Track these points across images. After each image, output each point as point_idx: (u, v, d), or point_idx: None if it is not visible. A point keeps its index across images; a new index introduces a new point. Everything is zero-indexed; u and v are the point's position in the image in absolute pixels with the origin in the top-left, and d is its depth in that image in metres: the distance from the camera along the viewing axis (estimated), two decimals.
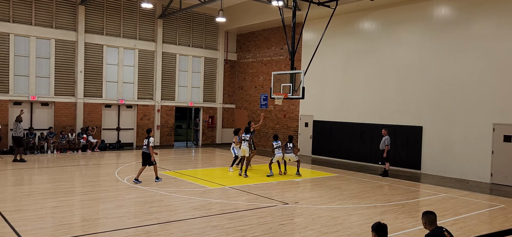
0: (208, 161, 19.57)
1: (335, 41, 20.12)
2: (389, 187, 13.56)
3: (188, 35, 24.92)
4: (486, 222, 9.80)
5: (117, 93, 22.50)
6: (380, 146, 15.72)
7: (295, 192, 12.66)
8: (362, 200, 11.50)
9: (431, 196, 12.50)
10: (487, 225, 9.49)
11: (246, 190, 12.27)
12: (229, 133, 26.88)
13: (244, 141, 14.78)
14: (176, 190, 11.88)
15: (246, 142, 14.74)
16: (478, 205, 11.40)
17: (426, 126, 16.86)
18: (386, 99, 18.25)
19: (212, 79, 26.17)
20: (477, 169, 15.20)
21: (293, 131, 22.85)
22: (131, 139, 23.27)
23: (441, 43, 16.42)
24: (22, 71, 19.77)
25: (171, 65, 24.36)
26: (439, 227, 5.26)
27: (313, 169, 17.54)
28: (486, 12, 15.21)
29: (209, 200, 10.75)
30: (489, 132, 14.96)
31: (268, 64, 24.47)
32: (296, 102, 22.33)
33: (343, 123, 19.97)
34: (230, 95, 27.01)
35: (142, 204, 10.20)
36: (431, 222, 5.27)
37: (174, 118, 24.77)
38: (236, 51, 27.00)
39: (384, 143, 15.50)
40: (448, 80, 16.15)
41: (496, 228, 8.88)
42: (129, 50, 22.77)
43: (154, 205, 10.23)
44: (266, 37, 24.69)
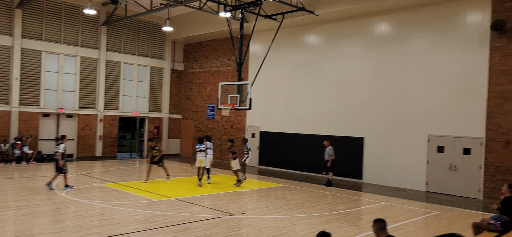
0: (153, 173, 19.04)
1: (281, 53, 20.53)
2: (333, 197, 13.95)
3: (133, 43, 24.30)
4: (422, 228, 10.35)
5: (56, 101, 21.37)
6: (325, 156, 16.16)
7: (242, 203, 12.66)
8: (307, 209, 11.73)
9: (372, 204, 13.00)
10: (423, 231, 10.02)
11: (192, 201, 12.09)
12: (175, 143, 26.43)
13: (200, 152, 14.84)
14: (119, 203, 11.44)
15: (202, 152, 14.86)
16: (415, 212, 12.02)
17: (367, 137, 17.59)
18: (330, 111, 18.84)
19: (158, 88, 25.65)
20: (414, 178, 16.06)
21: (240, 142, 22.88)
22: (71, 150, 22.14)
23: (382, 58, 17.27)
24: None
25: (115, 73, 23.58)
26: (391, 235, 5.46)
27: (260, 180, 17.66)
28: (422, 29, 16.23)
29: (153, 213, 10.46)
30: (424, 143, 15.89)
31: (215, 74, 24.43)
32: (243, 113, 22.44)
33: (289, 134, 20.33)
34: (177, 105, 26.61)
35: (82, 218, 9.71)
36: (382, 229, 5.49)
37: (117, 128, 23.94)
38: (183, 61, 26.72)
39: (328, 153, 16.00)
40: (388, 93, 16.99)
41: (430, 234, 9.39)
42: (70, 57, 21.77)
43: (95, 219, 9.78)
44: (214, 48, 24.67)
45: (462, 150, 14.99)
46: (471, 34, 14.91)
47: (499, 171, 14.09)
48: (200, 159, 14.85)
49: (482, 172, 14.47)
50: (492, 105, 14.30)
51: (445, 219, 11.15)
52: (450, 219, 11.22)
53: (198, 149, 14.98)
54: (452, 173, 15.19)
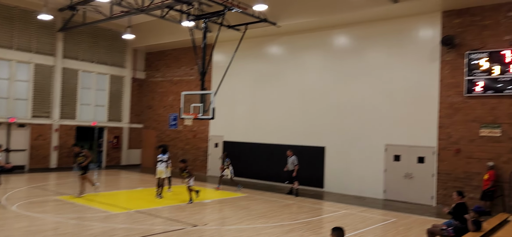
0: (112, 184, 18.53)
1: (244, 63, 20.66)
2: (295, 206, 14.12)
3: (92, 50, 23.63)
4: (380, 235, 10.68)
5: (7, 110, 20.36)
6: (288, 166, 16.28)
7: (204, 214, 12.57)
8: (270, 219, 11.80)
9: (333, 213, 13.28)
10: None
11: (153, 213, 11.85)
12: (135, 154, 25.84)
13: (161, 162, 14.53)
14: (75, 216, 11.04)
15: (163, 163, 14.55)
16: (374, 219, 12.39)
17: (328, 146, 17.98)
18: (292, 121, 19.11)
19: (118, 97, 25.04)
20: (372, 186, 16.56)
21: (203, 151, 22.74)
22: (23, 161, 21.14)
23: (341, 69, 17.76)
24: None
25: (72, 81, 22.81)
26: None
27: (223, 190, 17.59)
28: (378, 42, 16.86)
29: (112, 226, 10.17)
30: (381, 152, 16.44)
31: (178, 84, 24.19)
32: (206, 123, 22.33)
33: (252, 143, 20.41)
34: (138, 115, 26.06)
35: (34, 234, 9.28)
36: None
37: (74, 138, 23.10)
38: (145, 70, 26.27)
39: (293, 163, 16.15)
40: (347, 104, 17.48)
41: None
42: (23, 64, 20.86)
43: (48, 234, 9.38)
44: (177, 57, 24.45)
45: (416, 159, 15.63)
46: (423, 49, 15.66)
47: (450, 179, 14.80)
48: (160, 170, 14.56)
49: (435, 180, 15.15)
50: (443, 115, 15.05)
51: (401, 226, 11.57)
52: (407, 225, 11.64)
53: (159, 159, 14.71)
54: (408, 181, 15.79)
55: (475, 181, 14.24)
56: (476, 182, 14.18)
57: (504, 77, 13.78)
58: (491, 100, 14.09)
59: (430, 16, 15.44)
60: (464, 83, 14.57)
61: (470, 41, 14.57)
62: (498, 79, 13.89)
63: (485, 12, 14.30)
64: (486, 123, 14.15)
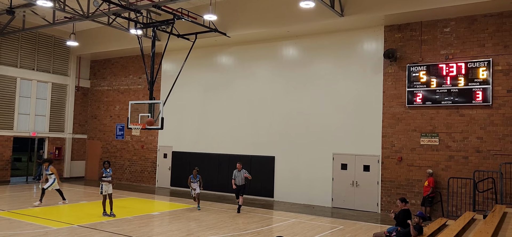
0: (53, 198, 17.54)
1: (194, 73, 20.47)
2: (245, 216, 14.10)
3: (32, 57, 22.39)
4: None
5: None
6: (242, 179, 14.73)
7: (152, 226, 12.22)
8: (220, 230, 11.69)
9: (282, 222, 13.40)
10: None
11: (98, 227, 11.35)
12: (79, 166, 24.70)
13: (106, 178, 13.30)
14: (12, 233, 10.31)
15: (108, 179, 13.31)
16: (322, 227, 12.65)
17: (278, 156, 18.18)
18: (242, 131, 19.15)
19: (60, 106, 23.85)
20: (321, 194, 16.92)
21: (151, 162, 22.17)
22: None
23: (290, 80, 18.09)
24: None
25: (9, 89, 21.46)
26: None
27: (172, 202, 17.23)
28: (325, 54, 17.37)
29: None
30: (329, 161, 16.87)
31: (125, 93, 23.49)
32: (155, 133, 21.83)
33: (202, 154, 20.20)
34: (82, 125, 24.96)
35: None
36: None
37: (11, 150, 21.68)
38: (90, 78, 25.27)
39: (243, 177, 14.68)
40: (295, 114, 17.81)
41: None
42: None
43: None
44: (124, 65, 23.76)
45: (362, 167, 16.20)
46: (367, 61, 16.34)
47: (393, 186, 15.47)
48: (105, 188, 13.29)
49: (379, 187, 15.76)
50: (386, 125, 15.74)
51: (349, 233, 11.89)
52: (353, 232, 11.99)
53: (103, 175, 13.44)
54: (354, 189, 16.30)
55: (416, 188, 14.98)
56: (417, 189, 14.93)
57: (441, 88, 14.67)
58: (429, 111, 14.94)
59: (374, 30, 16.17)
60: (405, 94, 15.34)
61: (410, 54, 15.40)
62: (436, 90, 14.76)
63: (424, 28, 15.21)
64: (425, 132, 14.98)
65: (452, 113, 14.53)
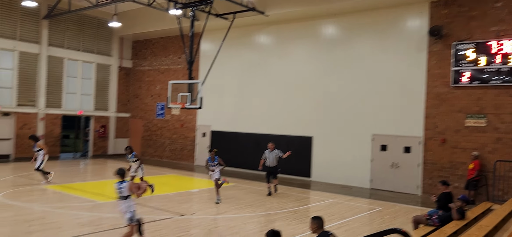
0: (99, 173, 18.39)
1: (232, 52, 20.54)
2: (282, 195, 14.18)
3: (78, 38, 23.25)
4: (367, 224, 10.80)
5: None
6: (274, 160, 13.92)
7: (192, 203, 12.56)
8: (257, 208, 11.84)
9: (319, 202, 13.37)
10: (367, 226, 10.46)
11: (140, 202, 11.79)
12: (122, 143, 25.63)
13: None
14: (62, 206, 10.93)
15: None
16: (360, 209, 12.51)
17: (315, 136, 18.05)
18: (280, 110, 19.12)
19: (104, 86, 24.74)
20: (359, 175, 16.70)
21: (190, 141, 22.66)
22: (8, 150, 20.83)
23: (328, 60, 17.78)
24: None
25: (58, 70, 22.45)
26: (326, 231, 5.68)
27: (210, 180, 17.56)
28: (366, 32, 16.90)
29: (99, 215, 10.10)
30: (368, 141, 16.57)
31: (165, 72, 23.98)
32: (194, 112, 22.22)
33: (239, 133, 20.39)
34: (125, 104, 25.80)
35: (21, 223, 9.18)
36: (320, 226, 5.69)
37: (60, 127, 22.82)
38: (132, 58, 25.96)
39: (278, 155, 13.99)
40: (334, 94, 17.53)
41: (374, 229, 9.82)
42: (7, 51, 20.44)
43: (35, 223, 9.28)
44: (164, 45, 24.20)
45: (403, 149, 15.80)
46: (410, 39, 15.74)
47: (435, 168, 15.00)
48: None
49: (421, 169, 15.34)
50: (429, 106, 15.19)
51: (387, 215, 11.71)
52: (392, 214, 11.79)
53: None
54: (394, 171, 15.96)
55: (460, 171, 14.45)
56: (461, 172, 14.40)
57: (490, 68, 13.93)
58: (477, 91, 14.26)
59: (418, 7, 15.50)
60: (450, 74, 14.70)
61: (457, 31, 14.68)
62: (484, 69, 14.04)
63: (472, 3, 14.40)
64: (471, 113, 14.33)
65: (501, 93, 13.79)
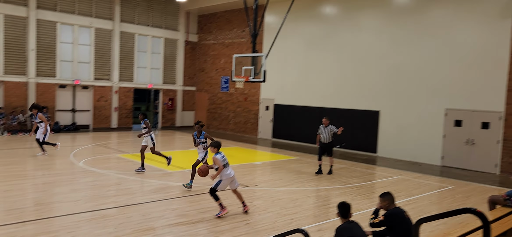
0: (167, 144, 19.28)
1: (297, 24, 20.22)
2: (346, 170, 13.94)
3: (147, 14, 24.19)
4: (436, 202, 10.30)
5: (72, 73, 21.59)
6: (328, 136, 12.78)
7: (255, 175, 12.76)
8: (320, 182, 11.76)
9: (385, 178, 12.97)
10: (437, 205, 9.98)
11: None
12: (189, 115, 26.60)
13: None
14: (134, 173, 11.63)
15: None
16: (429, 186, 11.95)
17: (383, 110, 17.40)
18: (345, 84, 18.63)
19: (172, 60, 25.65)
20: (429, 152, 15.90)
21: (254, 114, 22.92)
22: (88, 121, 22.50)
23: (399, 30, 16.88)
24: None
25: (129, 45, 23.62)
26: (397, 207, 5.51)
27: (273, 152, 17.71)
28: (442, 1, 15.74)
29: (168, 183, 10.62)
30: (441, 117, 15.65)
31: (229, 46, 24.27)
32: (257, 86, 22.36)
33: (303, 107, 20.23)
34: (191, 77, 26.62)
35: (99, 188, 9.92)
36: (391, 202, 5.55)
37: (132, 100, 24.15)
38: (197, 33, 26.56)
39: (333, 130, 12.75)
40: (405, 66, 16.68)
41: (445, 208, 9.35)
42: (84, 28, 21.83)
43: (111, 188, 9.98)
44: (228, 19, 24.43)
45: (480, 125, 14.74)
46: (493, 5, 14.41)
47: None
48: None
49: (500, 147, 14.24)
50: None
51: (460, 194, 11.07)
52: (465, 193, 11.13)
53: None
54: (469, 148, 14.98)
55: None
56: None
57: None
58: None
59: None
60: None
61: None
62: None
63: None
64: None
65: None
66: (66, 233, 6.68)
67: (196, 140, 10.28)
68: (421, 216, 5.49)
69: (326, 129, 12.77)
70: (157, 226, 7.27)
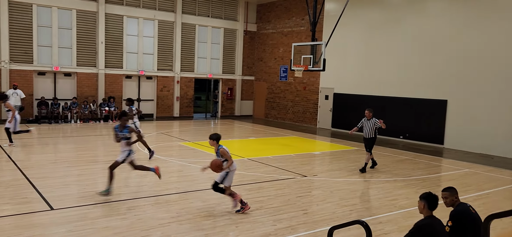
0: (227, 133, 19.64)
1: (358, 11, 19.58)
2: (410, 162, 13.36)
3: (207, 5, 24.67)
4: (509, 198, 9.57)
5: (137, 64, 22.63)
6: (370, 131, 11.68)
7: (314, 165, 12.62)
8: (381, 174, 11.38)
9: (453, 171, 12.26)
10: (511, 201, 9.26)
11: (264, 162, 12.28)
12: (247, 105, 26.87)
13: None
14: (195, 161, 11.98)
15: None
16: (502, 180, 11.12)
17: (451, 99, 16.42)
18: (409, 71, 17.79)
19: (231, 50, 26.00)
20: (503, 144, 14.79)
21: (313, 103, 22.64)
22: (151, 110, 23.52)
23: (470, 11, 15.77)
24: (45, 41, 20.02)
25: (190, 36, 24.26)
26: (464, 203, 5.13)
27: (332, 143, 17.41)
28: None
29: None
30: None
31: (288, 35, 24.10)
32: (317, 75, 22.03)
33: (364, 96, 19.63)
34: (250, 67, 26.83)
35: (163, 174, 10.32)
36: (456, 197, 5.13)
37: (193, 90, 24.85)
38: (256, 22, 26.65)
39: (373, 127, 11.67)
40: (475, 52, 15.58)
41: None
42: (148, 20, 22.73)
43: (174, 175, 10.36)
44: (287, 8, 24.23)
45: None
46: None
47: None
48: None
49: None
50: None
51: None
52: None
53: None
54: None
55: None
56: None
57: None
58: None
59: None
60: None
61: None
62: None
63: None
64: None
65: None
66: (133, 216, 7.04)
67: (119, 135, 8.10)
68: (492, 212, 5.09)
69: (369, 123, 11.58)
70: (217, 212, 7.44)
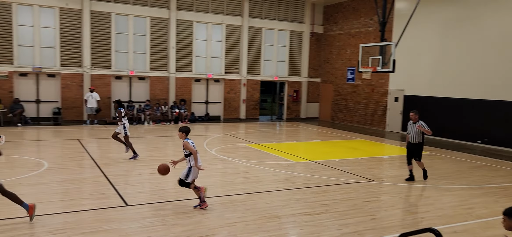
0: (292, 135, 19.63)
1: (431, 9, 18.62)
2: (489, 168, 12.42)
3: (274, 8, 24.86)
4: None
5: (205, 67, 23.40)
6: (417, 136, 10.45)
7: (382, 169, 12.21)
8: (456, 180, 10.71)
9: None
10: None
11: (330, 165, 12.11)
12: (313, 107, 26.64)
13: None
14: (261, 163, 12.12)
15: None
16: None
17: None
18: (488, 72, 16.56)
19: (297, 52, 25.95)
20: None
21: (381, 106, 21.90)
22: (219, 112, 24.18)
23: None
24: (122, 47, 21.42)
25: (256, 39, 24.60)
26: None
27: (402, 146, 16.69)
28: None
29: (293, 174, 10.81)
30: None
31: (356, 36, 23.55)
32: (385, 76, 21.27)
33: (437, 98, 18.60)
34: (316, 69, 26.59)
35: (229, 175, 10.58)
36: None
37: (259, 92, 25.15)
38: (323, 24, 26.35)
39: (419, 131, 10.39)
40: None
41: None
42: (216, 25, 23.41)
43: (240, 176, 10.56)
44: (355, 8, 23.69)
45: None
46: None
47: None
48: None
49: None
50: None
51: None
52: None
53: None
54: None
55: None
56: None
57: None
58: None
59: None
60: None
61: None
62: None
63: None
64: None
65: None
66: (201, 215, 7.30)
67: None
68: None
69: (414, 126, 10.45)
70: (282, 214, 7.47)
